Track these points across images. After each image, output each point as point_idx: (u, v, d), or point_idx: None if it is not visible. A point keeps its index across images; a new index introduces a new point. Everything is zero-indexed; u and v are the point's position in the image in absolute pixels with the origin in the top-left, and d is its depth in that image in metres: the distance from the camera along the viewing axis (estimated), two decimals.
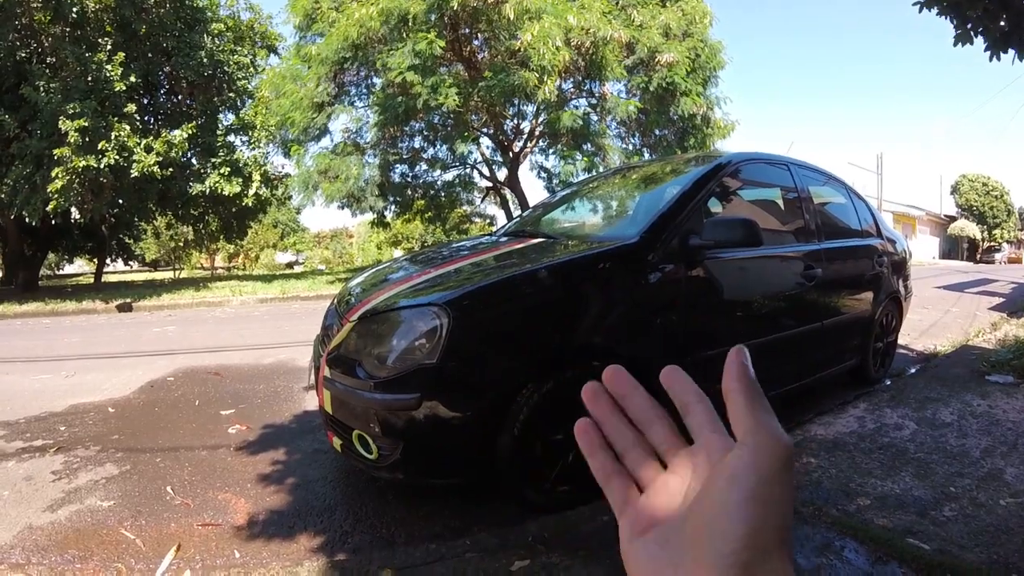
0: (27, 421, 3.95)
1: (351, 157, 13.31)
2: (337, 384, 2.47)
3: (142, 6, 13.91)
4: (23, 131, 12.25)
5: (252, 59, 17.35)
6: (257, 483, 2.90)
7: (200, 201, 16.00)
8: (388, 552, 2.21)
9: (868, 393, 4.06)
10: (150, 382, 4.89)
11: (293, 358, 5.68)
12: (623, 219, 3.71)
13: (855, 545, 2.07)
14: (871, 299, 4.22)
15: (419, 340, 2.26)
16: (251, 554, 2.26)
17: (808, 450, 2.97)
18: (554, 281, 2.55)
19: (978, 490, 2.52)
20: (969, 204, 49.65)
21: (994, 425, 3.31)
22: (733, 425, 0.37)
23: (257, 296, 11.89)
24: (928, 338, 6.42)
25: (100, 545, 2.33)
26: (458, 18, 12.37)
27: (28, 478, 3.01)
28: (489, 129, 15.09)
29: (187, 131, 13.59)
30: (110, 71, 12.39)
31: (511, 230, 4.07)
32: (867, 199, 4.84)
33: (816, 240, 3.72)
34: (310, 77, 12.99)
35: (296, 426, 3.76)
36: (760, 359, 2.68)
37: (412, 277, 2.91)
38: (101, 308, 10.79)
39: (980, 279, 16.64)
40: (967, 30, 4.34)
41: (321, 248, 45.93)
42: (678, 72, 12.46)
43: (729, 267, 3.03)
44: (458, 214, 19.97)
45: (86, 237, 20.73)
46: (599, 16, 11.72)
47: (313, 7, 13.28)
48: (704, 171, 3.24)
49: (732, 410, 0.37)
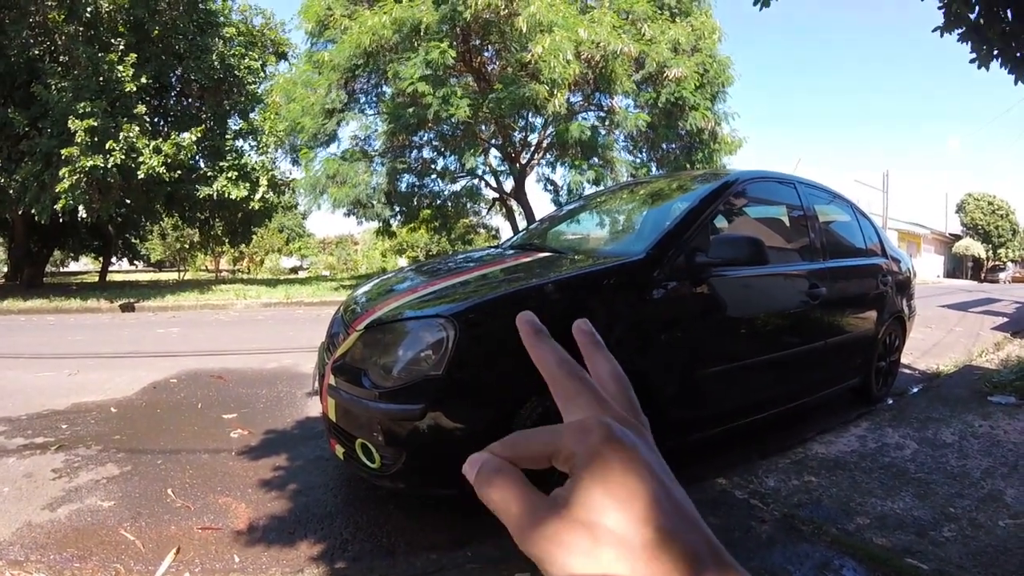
0: (29, 418, 3.96)
1: (359, 163, 13.37)
2: (342, 393, 2.47)
3: (156, 8, 14.03)
4: (33, 129, 12.31)
5: (262, 64, 17.44)
6: (258, 488, 2.91)
7: (207, 204, 16.04)
8: (389, 561, 2.21)
9: (870, 412, 4.06)
10: (153, 383, 4.89)
11: (296, 363, 5.69)
12: (630, 235, 3.73)
13: (854, 564, 2.07)
14: (875, 318, 4.22)
15: (425, 351, 2.27)
16: (251, 559, 2.26)
17: (809, 468, 2.97)
18: (560, 296, 2.56)
19: (978, 511, 2.52)
20: (974, 223, 49.61)
21: (995, 446, 3.30)
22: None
23: (261, 300, 11.92)
24: (931, 358, 6.41)
25: (99, 545, 2.33)
26: (470, 29, 12.46)
27: (28, 475, 3.01)
28: (498, 140, 15.15)
29: (196, 134, 13.65)
30: (122, 72, 12.47)
31: (518, 243, 4.08)
32: (872, 217, 4.85)
33: (821, 259, 3.73)
34: (321, 83, 13.08)
35: (298, 432, 3.76)
36: (763, 376, 2.69)
37: (418, 288, 2.92)
38: (106, 307, 10.83)
39: (984, 298, 16.58)
40: (986, 53, 4.34)
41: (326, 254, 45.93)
42: (686, 87, 12.54)
43: (734, 285, 3.04)
44: (464, 224, 20.02)
45: (92, 235, 20.82)
46: (609, 30, 11.80)
47: (326, 14, 13.38)
48: (711, 188, 3.26)
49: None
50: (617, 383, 0.40)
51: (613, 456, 0.31)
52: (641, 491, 0.31)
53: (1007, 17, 4.12)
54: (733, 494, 2.64)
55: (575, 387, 0.37)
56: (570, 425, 0.34)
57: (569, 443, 0.33)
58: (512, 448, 0.34)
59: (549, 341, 0.40)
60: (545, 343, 0.40)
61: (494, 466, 0.33)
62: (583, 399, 0.36)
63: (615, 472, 0.31)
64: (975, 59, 4.39)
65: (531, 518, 0.31)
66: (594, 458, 0.31)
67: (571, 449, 0.32)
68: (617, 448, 0.32)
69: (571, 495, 0.31)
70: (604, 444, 0.32)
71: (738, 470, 2.93)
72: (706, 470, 2.98)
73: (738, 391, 3.16)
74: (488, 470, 0.33)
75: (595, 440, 0.32)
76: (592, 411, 0.35)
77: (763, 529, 2.33)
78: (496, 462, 0.34)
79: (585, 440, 0.32)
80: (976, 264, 47.97)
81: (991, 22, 4.18)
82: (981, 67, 4.40)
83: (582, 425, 0.33)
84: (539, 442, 0.34)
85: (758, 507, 2.52)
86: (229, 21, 16.68)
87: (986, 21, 4.20)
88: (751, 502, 2.57)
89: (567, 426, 0.34)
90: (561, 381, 0.37)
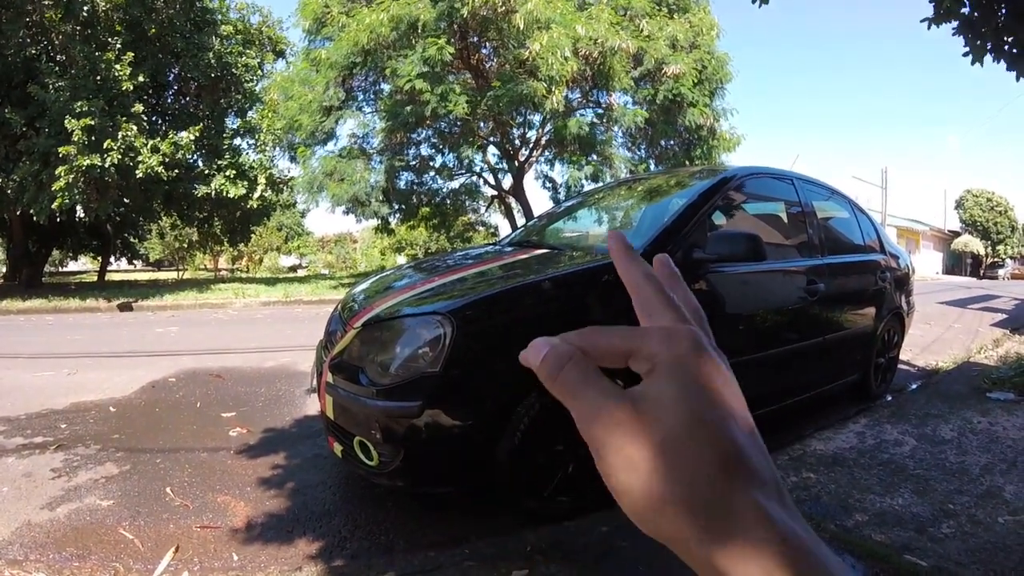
0: (28, 417, 3.96)
1: (357, 161, 13.36)
2: (340, 390, 2.48)
3: (152, 6, 13.99)
4: (31, 128, 12.29)
5: (260, 62, 17.41)
6: (257, 486, 2.91)
7: (205, 203, 16.03)
8: (387, 559, 2.21)
9: (869, 408, 4.07)
10: (152, 382, 4.89)
11: (295, 362, 5.69)
12: (627, 231, 3.72)
13: (853, 561, 2.07)
14: (873, 314, 4.22)
15: (422, 348, 2.27)
16: (249, 557, 2.27)
17: (807, 465, 2.97)
18: (558, 292, 2.56)
19: (977, 507, 2.52)
20: (973, 219, 49.62)
21: (994, 442, 3.30)
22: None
23: (260, 299, 11.92)
24: (930, 354, 6.41)
25: (98, 544, 2.33)
26: (467, 26, 12.43)
27: (28, 474, 3.01)
28: (496, 137, 15.14)
29: (193, 133, 13.64)
30: (119, 71, 12.44)
31: (516, 240, 4.08)
32: (871, 214, 4.85)
33: (819, 255, 3.73)
34: (319, 81, 13.04)
35: (297, 430, 3.77)
36: (761, 373, 2.68)
37: (416, 285, 2.92)
38: (104, 307, 10.83)
39: (983, 295, 16.59)
40: (980, 47, 4.33)
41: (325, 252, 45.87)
42: (685, 83, 12.52)
43: (732, 281, 3.04)
44: (462, 222, 20.03)
45: (91, 235, 20.80)
46: (607, 26, 11.78)
47: (323, 11, 13.33)
48: (709, 184, 3.25)
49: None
50: (695, 313, 0.37)
51: (700, 365, 0.31)
52: (723, 404, 0.31)
53: (1001, 12, 4.12)
54: None
55: (660, 300, 0.36)
56: (656, 328, 0.33)
57: (654, 344, 0.32)
58: (588, 339, 0.33)
59: (638, 258, 0.38)
60: (634, 259, 0.38)
61: (565, 352, 0.32)
62: (667, 312, 0.35)
63: (701, 380, 0.31)
64: (968, 53, 4.39)
65: (603, 404, 0.30)
66: (681, 363, 0.31)
67: (655, 350, 0.31)
68: (705, 359, 0.31)
69: (651, 392, 0.30)
70: (692, 352, 0.31)
71: None
72: None
73: None
74: (557, 354, 0.32)
75: (684, 347, 0.31)
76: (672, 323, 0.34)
77: None
78: (568, 348, 0.32)
79: (673, 345, 0.31)
80: (975, 261, 47.98)
81: (985, 16, 4.17)
82: (975, 62, 4.39)
83: (670, 331, 0.32)
84: (620, 337, 0.33)
85: None
86: (226, 19, 16.65)
87: (980, 15, 4.19)
88: None
89: (652, 328, 0.33)
90: (646, 293, 0.36)
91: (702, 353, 0.31)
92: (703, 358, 0.31)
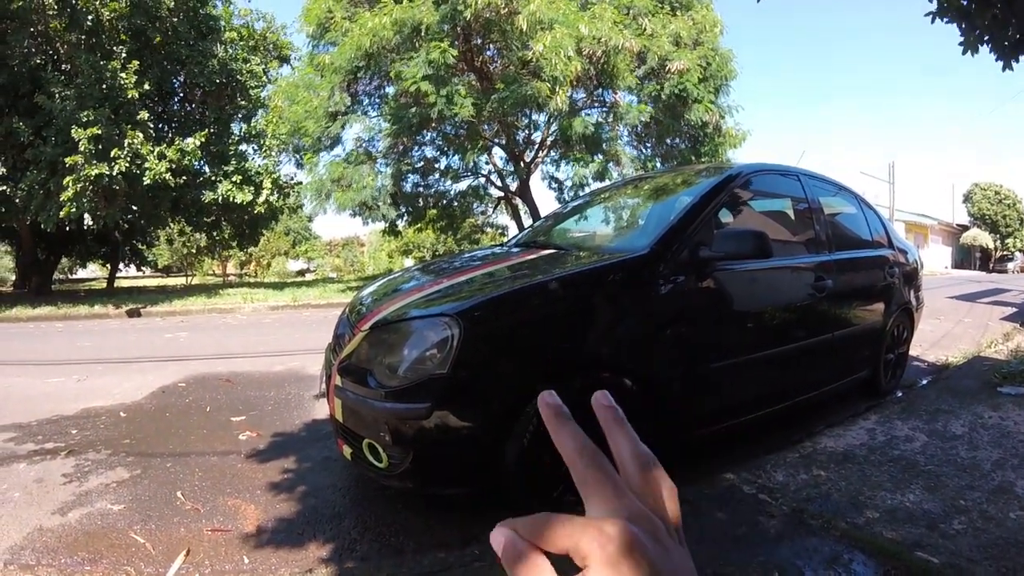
0: (39, 424, 3.98)
1: (364, 166, 13.40)
2: (348, 393, 2.48)
3: (156, 14, 14.05)
4: (38, 138, 12.36)
5: (264, 68, 17.47)
6: (267, 490, 2.92)
7: (212, 209, 16.07)
8: (397, 560, 2.21)
9: (879, 405, 4.04)
10: (161, 387, 4.92)
11: (304, 366, 5.70)
12: (634, 230, 3.72)
13: (863, 558, 2.06)
14: (882, 310, 4.20)
15: (430, 350, 2.27)
16: (260, 560, 2.27)
17: (818, 462, 2.96)
18: (565, 293, 2.56)
19: (988, 503, 2.50)
20: (982, 213, 49.36)
21: (1005, 437, 3.28)
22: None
23: (268, 303, 11.94)
24: (940, 349, 6.38)
25: (110, 548, 2.34)
26: (471, 28, 12.46)
27: (39, 480, 3.03)
28: (501, 139, 15.15)
29: (199, 139, 13.67)
30: (124, 79, 12.48)
31: (523, 241, 4.08)
32: (878, 209, 4.83)
33: (827, 251, 3.72)
34: (323, 86, 13.09)
35: (306, 434, 3.77)
36: (770, 371, 2.68)
37: (424, 287, 2.93)
38: (113, 313, 10.89)
39: (992, 289, 16.50)
40: (975, 38, 4.32)
41: (332, 256, 46.03)
42: (690, 79, 12.51)
43: (739, 279, 3.03)
44: (470, 224, 20.05)
45: (99, 242, 20.87)
46: (610, 25, 11.78)
47: (326, 16, 13.39)
48: (715, 182, 3.25)
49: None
50: (637, 462, 0.40)
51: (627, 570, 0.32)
52: None
53: (998, 3, 4.10)
54: (741, 489, 2.63)
55: (594, 477, 0.38)
56: (592, 527, 0.34)
57: (586, 544, 0.33)
58: (536, 531, 0.35)
59: (571, 425, 0.40)
60: (566, 428, 0.40)
61: (518, 552, 0.34)
62: (602, 490, 0.37)
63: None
64: (963, 43, 4.38)
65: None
66: (610, 565, 0.32)
67: (586, 551, 0.33)
68: (634, 562, 0.33)
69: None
70: (621, 555, 0.33)
71: (746, 464, 2.92)
72: (714, 465, 2.98)
73: (744, 386, 3.14)
74: (512, 555, 0.34)
75: (612, 549, 0.33)
76: (610, 505, 0.36)
77: (772, 524, 2.32)
78: (520, 547, 0.34)
79: (604, 545, 0.33)
80: (984, 254, 47.70)
81: (982, 7, 4.16)
82: (967, 52, 4.38)
83: (603, 530, 0.34)
84: (563, 534, 0.34)
85: (767, 502, 2.51)
86: (230, 26, 16.70)
87: (977, 7, 4.18)
88: (759, 497, 2.56)
89: (590, 525, 0.34)
90: (581, 469, 0.38)
91: (632, 555, 0.33)
92: (632, 560, 0.33)
